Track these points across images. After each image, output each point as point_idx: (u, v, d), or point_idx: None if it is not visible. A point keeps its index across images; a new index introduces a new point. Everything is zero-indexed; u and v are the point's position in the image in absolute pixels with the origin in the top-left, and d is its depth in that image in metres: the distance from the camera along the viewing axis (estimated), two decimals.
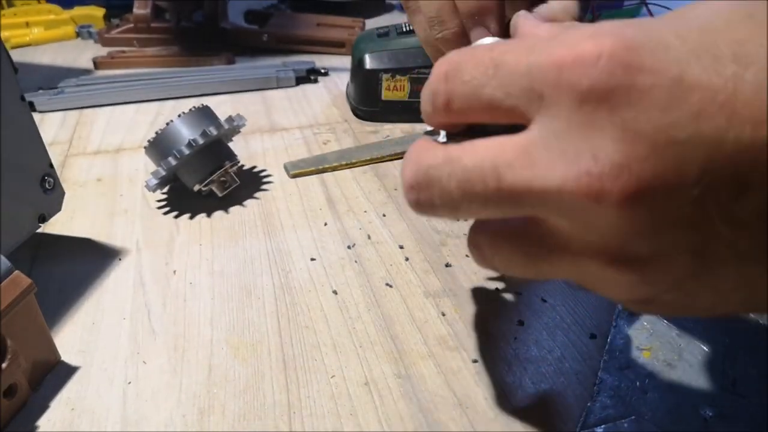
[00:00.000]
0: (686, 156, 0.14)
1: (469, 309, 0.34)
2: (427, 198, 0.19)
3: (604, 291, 0.19)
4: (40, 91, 0.63)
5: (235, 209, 0.44)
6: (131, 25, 0.78)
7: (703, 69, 0.14)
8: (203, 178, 0.42)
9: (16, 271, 0.28)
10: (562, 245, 0.18)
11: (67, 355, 0.31)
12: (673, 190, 0.14)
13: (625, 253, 0.16)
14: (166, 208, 0.44)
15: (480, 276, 0.36)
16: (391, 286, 0.35)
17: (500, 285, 0.35)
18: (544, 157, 0.16)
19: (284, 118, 0.59)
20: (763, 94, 0.13)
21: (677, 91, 0.14)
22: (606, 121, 0.15)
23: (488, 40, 0.26)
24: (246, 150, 0.52)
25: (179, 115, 0.42)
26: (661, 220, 0.15)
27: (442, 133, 0.22)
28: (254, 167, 0.49)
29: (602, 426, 0.27)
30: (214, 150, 0.43)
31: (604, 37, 0.15)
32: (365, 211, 0.43)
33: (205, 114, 0.43)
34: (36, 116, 0.57)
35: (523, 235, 0.19)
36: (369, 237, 0.40)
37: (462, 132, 0.21)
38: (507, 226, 0.20)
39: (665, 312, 0.20)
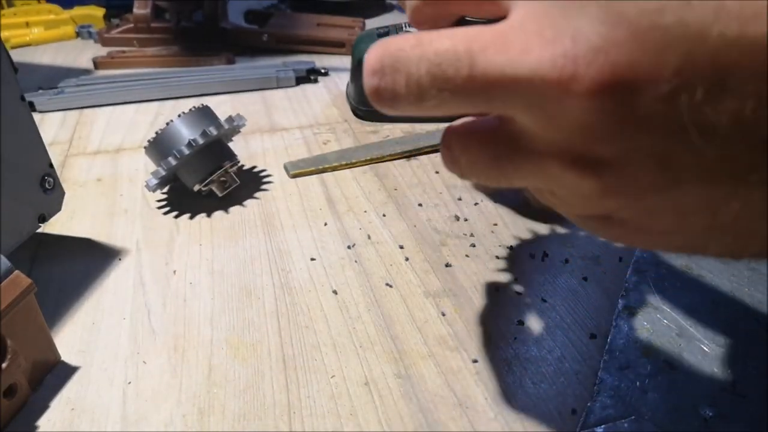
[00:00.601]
0: (666, 45, 0.13)
1: (469, 309, 0.34)
2: (391, 84, 0.17)
3: (562, 203, 0.19)
4: (40, 91, 0.63)
5: (235, 209, 0.44)
6: (131, 25, 0.78)
7: None
8: (203, 178, 0.42)
9: (16, 271, 0.28)
10: (528, 146, 0.17)
11: (67, 355, 0.31)
12: (647, 82, 0.14)
13: (588, 153, 0.16)
14: (166, 208, 0.44)
15: (480, 276, 0.36)
16: (391, 286, 0.35)
17: (500, 285, 0.35)
18: (520, 40, 0.15)
19: (284, 118, 0.59)
20: None
21: None
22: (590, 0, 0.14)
23: None
24: (246, 150, 0.52)
25: (179, 115, 0.42)
26: (630, 117, 0.14)
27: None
28: (254, 167, 0.49)
29: (602, 426, 0.27)
30: (214, 150, 0.43)
31: None
32: (365, 211, 0.43)
33: (205, 114, 0.43)
34: (36, 116, 0.57)
35: (492, 134, 0.19)
36: (369, 237, 0.40)
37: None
38: (479, 125, 0.20)
39: (621, 236, 0.19)
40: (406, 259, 0.38)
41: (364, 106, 0.57)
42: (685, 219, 0.16)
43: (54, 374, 0.30)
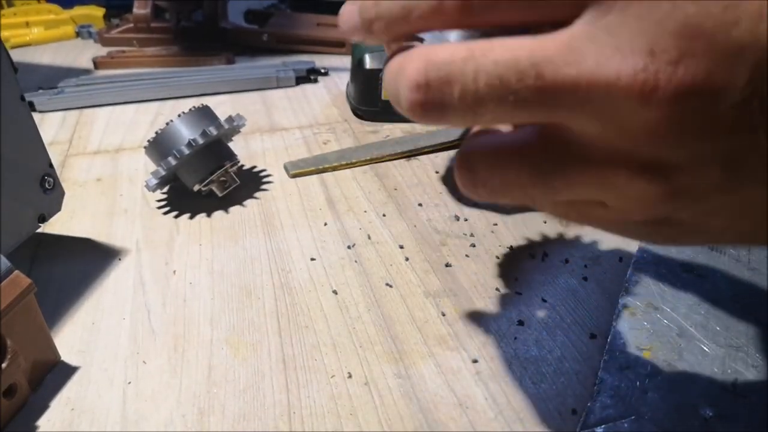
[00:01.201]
0: (740, 56, 0.14)
1: (469, 309, 0.34)
2: (439, 98, 0.16)
3: (620, 209, 0.18)
4: (40, 91, 0.63)
5: (235, 209, 0.44)
6: (131, 25, 0.78)
7: None
8: (203, 178, 0.42)
9: (16, 271, 0.28)
10: (584, 155, 0.17)
11: (67, 355, 0.31)
12: (722, 91, 0.14)
13: (657, 159, 0.16)
14: (166, 208, 0.44)
15: (480, 276, 0.36)
16: (391, 286, 0.35)
17: (500, 285, 0.35)
18: (593, 53, 0.15)
19: (284, 118, 0.59)
20: None
21: None
22: (666, 15, 0.14)
23: None
24: (246, 150, 0.52)
25: (179, 115, 0.42)
26: (704, 123, 0.15)
27: (453, 33, 0.18)
28: (254, 167, 0.49)
29: (602, 426, 0.27)
30: (214, 150, 0.43)
31: None
32: (365, 211, 0.43)
33: (205, 114, 0.43)
34: (36, 116, 0.57)
35: (535, 147, 0.18)
36: (369, 237, 0.40)
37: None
38: (509, 139, 0.19)
39: (673, 237, 0.19)
40: (406, 259, 0.38)
41: (364, 106, 0.57)
42: (742, 218, 0.17)
43: (54, 374, 0.30)
